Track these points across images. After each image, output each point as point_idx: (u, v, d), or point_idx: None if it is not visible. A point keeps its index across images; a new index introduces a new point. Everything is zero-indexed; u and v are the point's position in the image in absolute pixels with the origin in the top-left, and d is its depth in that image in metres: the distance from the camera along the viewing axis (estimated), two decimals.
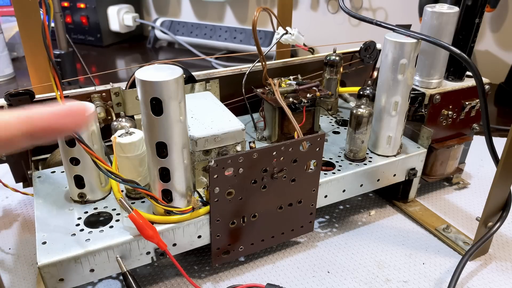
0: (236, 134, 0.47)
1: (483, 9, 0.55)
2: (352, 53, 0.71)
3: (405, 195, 0.62)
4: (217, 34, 1.33)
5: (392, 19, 1.21)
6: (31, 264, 0.51)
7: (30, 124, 0.23)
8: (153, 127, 0.38)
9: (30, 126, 0.23)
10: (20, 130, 0.23)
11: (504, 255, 0.53)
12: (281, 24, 0.65)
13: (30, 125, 0.23)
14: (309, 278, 0.49)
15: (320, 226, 0.58)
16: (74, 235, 0.42)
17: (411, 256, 0.53)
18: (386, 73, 0.52)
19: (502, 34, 1.09)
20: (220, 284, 0.49)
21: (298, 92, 0.56)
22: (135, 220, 0.40)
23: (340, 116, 0.67)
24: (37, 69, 0.63)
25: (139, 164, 0.45)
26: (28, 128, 0.23)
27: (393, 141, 0.55)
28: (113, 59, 1.34)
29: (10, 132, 0.23)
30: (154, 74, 0.37)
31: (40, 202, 0.46)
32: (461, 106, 0.59)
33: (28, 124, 0.23)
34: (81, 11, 1.38)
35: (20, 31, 0.60)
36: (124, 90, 0.53)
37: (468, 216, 0.60)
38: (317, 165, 0.48)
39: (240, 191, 0.44)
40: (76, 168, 0.44)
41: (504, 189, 0.48)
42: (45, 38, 0.36)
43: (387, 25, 0.51)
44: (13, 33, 1.22)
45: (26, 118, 0.23)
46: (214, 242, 0.46)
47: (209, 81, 0.58)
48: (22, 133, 0.23)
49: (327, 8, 1.28)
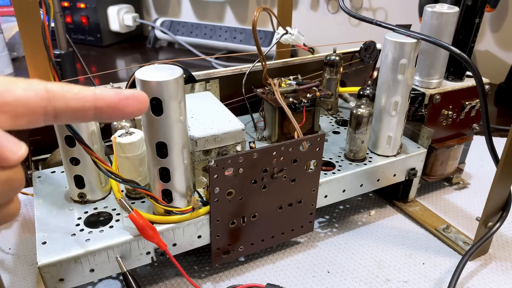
0: (236, 134, 0.47)
1: (483, 9, 0.55)
2: (352, 53, 0.71)
3: (405, 195, 0.62)
4: (217, 34, 1.33)
5: (392, 19, 1.21)
6: (31, 264, 0.51)
7: (101, 100, 0.24)
8: (153, 127, 0.38)
9: (101, 101, 0.24)
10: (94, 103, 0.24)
11: (504, 255, 0.53)
12: (281, 24, 0.65)
13: (101, 101, 0.24)
14: (309, 278, 0.49)
15: (320, 226, 0.58)
16: (74, 235, 0.42)
17: (411, 256, 0.53)
18: (386, 73, 0.52)
19: (502, 34, 1.09)
20: (220, 284, 0.49)
21: (298, 92, 0.56)
22: (135, 220, 0.40)
23: (340, 116, 0.67)
24: (37, 69, 0.63)
25: (139, 164, 0.45)
26: (100, 103, 0.24)
27: (393, 141, 0.55)
28: (113, 59, 1.34)
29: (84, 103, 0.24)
30: (154, 74, 0.37)
31: (40, 202, 0.46)
32: (461, 106, 0.59)
33: (99, 100, 0.24)
34: (81, 11, 1.38)
35: (20, 31, 0.60)
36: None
37: (468, 216, 0.60)
38: (317, 165, 0.48)
39: (240, 191, 0.44)
40: (76, 168, 0.44)
41: (504, 189, 0.48)
42: (45, 38, 0.36)
43: (387, 25, 0.51)
44: (13, 33, 1.22)
45: (99, 94, 0.24)
46: (214, 242, 0.46)
47: (209, 81, 0.58)
48: (95, 106, 0.24)
49: (327, 8, 1.28)
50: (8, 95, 0.21)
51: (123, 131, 0.45)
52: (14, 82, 0.22)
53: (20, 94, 0.22)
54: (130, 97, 0.25)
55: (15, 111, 0.21)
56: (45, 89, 0.22)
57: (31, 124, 0.23)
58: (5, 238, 0.55)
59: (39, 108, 0.22)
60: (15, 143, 0.21)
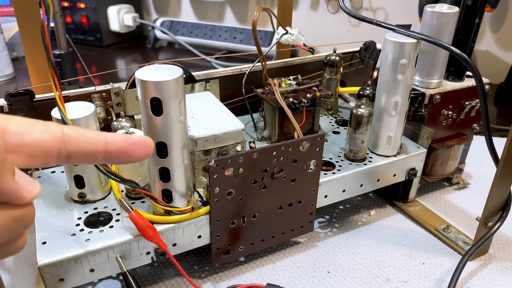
0: (236, 134, 0.47)
1: (483, 9, 0.55)
2: (352, 53, 0.71)
3: (405, 195, 0.62)
4: (217, 34, 1.33)
5: (392, 19, 1.21)
6: (31, 264, 0.51)
7: (112, 145, 0.26)
8: (153, 127, 0.38)
9: (112, 146, 0.26)
10: (104, 147, 0.25)
11: (504, 255, 0.53)
12: (281, 24, 0.65)
13: (111, 146, 0.26)
14: (309, 278, 0.49)
15: (320, 226, 0.58)
16: (74, 235, 0.42)
17: (411, 256, 0.53)
18: (386, 73, 0.52)
19: (502, 34, 1.09)
20: (220, 284, 0.49)
21: (298, 92, 0.56)
22: (135, 220, 0.40)
23: (340, 116, 0.67)
24: (37, 69, 0.64)
25: (139, 164, 0.45)
26: (109, 148, 0.26)
27: (393, 141, 0.55)
28: (113, 59, 1.34)
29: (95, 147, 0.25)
30: (154, 74, 0.37)
31: (40, 202, 0.46)
32: (461, 106, 0.59)
33: (110, 145, 0.26)
34: (81, 11, 1.38)
35: (20, 31, 0.60)
36: (124, 90, 0.53)
37: (468, 216, 0.60)
38: (317, 165, 0.48)
39: (240, 191, 0.44)
40: (76, 168, 0.44)
41: (504, 189, 0.48)
42: (45, 38, 0.36)
43: (387, 25, 0.51)
44: (13, 33, 1.22)
45: (107, 139, 0.26)
46: (214, 242, 0.46)
47: (209, 81, 0.58)
48: (105, 150, 0.25)
49: (327, 8, 1.28)
50: (27, 137, 0.22)
51: (123, 131, 0.45)
52: (33, 124, 0.23)
53: (38, 136, 0.23)
54: (138, 143, 0.27)
55: (32, 152, 0.23)
56: (62, 133, 0.24)
57: (44, 164, 0.24)
58: None
59: (54, 150, 0.23)
60: (31, 183, 0.23)
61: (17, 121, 0.22)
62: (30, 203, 0.23)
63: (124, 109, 0.54)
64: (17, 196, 0.22)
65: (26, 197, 0.22)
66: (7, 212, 0.22)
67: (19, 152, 0.22)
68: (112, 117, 0.53)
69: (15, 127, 0.22)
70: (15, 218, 0.22)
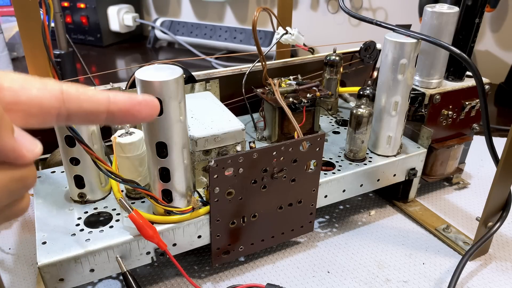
0: (236, 134, 0.47)
1: (483, 9, 0.55)
2: (352, 53, 0.71)
3: (405, 195, 0.62)
4: (217, 34, 1.33)
5: (392, 19, 1.21)
6: (31, 264, 0.51)
7: (114, 104, 0.24)
8: (153, 127, 0.38)
9: (114, 105, 0.24)
10: (106, 107, 0.24)
11: (504, 255, 0.53)
12: (281, 24, 0.65)
13: (114, 105, 0.24)
14: (309, 278, 0.49)
15: (320, 226, 0.58)
16: (74, 235, 0.42)
17: (411, 256, 0.53)
18: (386, 73, 0.52)
19: (502, 34, 1.09)
20: (220, 284, 0.49)
21: (298, 92, 0.56)
22: (135, 220, 0.40)
23: (340, 116, 0.67)
24: (37, 69, 0.63)
25: (139, 164, 0.45)
26: (112, 108, 0.24)
27: (393, 141, 0.55)
28: (113, 59, 1.34)
29: (98, 106, 0.23)
30: (154, 74, 0.37)
31: (40, 202, 0.46)
32: (461, 106, 0.59)
33: (112, 104, 0.24)
34: (81, 11, 1.38)
35: (20, 31, 0.60)
36: (124, 90, 0.53)
37: (468, 216, 0.60)
38: (317, 165, 0.48)
39: (240, 191, 0.44)
40: (76, 168, 0.44)
41: (504, 189, 0.48)
42: (45, 38, 0.36)
43: (387, 25, 0.51)
44: (13, 33, 1.22)
45: (109, 98, 0.24)
46: (214, 242, 0.46)
47: (209, 81, 0.58)
48: (107, 109, 0.24)
49: (327, 8, 1.28)
50: (22, 94, 0.21)
51: (123, 131, 0.45)
52: (30, 81, 0.21)
53: (34, 94, 0.21)
54: (142, 103, 0.25)
55: (29, 110, 0.21)
56: (60, 90, 0.22)
57: (43, 124, 0.22)
58: (5, 238, 0.55)
59: (53, 109, 0.22)
60: (31, 141, 0.21)
61: (12, 78, 0.21)
62: (31, 163, 0.22)
63: None
64: (17, 155, 0.21)
65: (26, 155, 0.21)
66: (7, 172, 0.21)
67: (15, 111, 0.21)
68: None
69: (10, 83, 0.21)
70: (16, 179, 0.21)
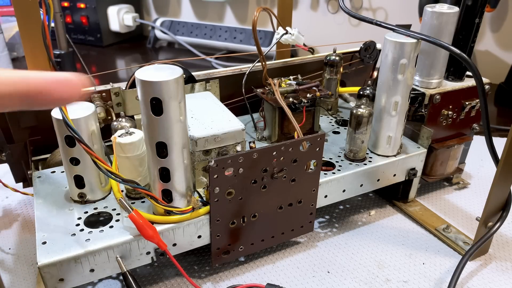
0: (236, 134, 0.47)
1: (483, 9, 0.55)
2: (352, 53, 0.70)
3: (405, 195, 0.62)
4: (217, 34, 1.33)
5: (392, 19, 1.21)
6: (31, 264, 0.51)
7: (27, 84, 0.22)
8: (153, 127, 0.38)
9: (26, 86, 0.22)
10: (16, 88, 0.22)
11: (504, 255, 0.53)
12: (281, 24, 0.65)
13: (26, 85, 0.22)
14: (309, 278, 0.49)
15: (320, 226, 0.58)
16: (74, 235, 0.42)
17: (411, 256, 0.53)
18: (386, 73, 0.52)
19: (502, 34, 1.09)
20: (220, 284, 0.49)
21: (298, 92, 0.56)
22: (135, 220, 0.40)
23: (340, 116, 0.67)
24: (37, 69, 0.63)
25: (139, 164, 0.45)
26: (24, 88, 0.22)
27: (393, 141, 0.55)
28: (113, 59, 1.34)
29: (5, 88, 0.22)
30: (154, 74, 0.37)
31: (40, 202, 0.46)
32: (461, 106, 0.59)
33: (24, 84, 0.22)
34: (81, 11, 1.38)
35: (20, 31, 0.60)
36: (124, 90, 0.53)
37: (468, 216, 0.60)
38: (317, 165, 0.48)
39: (240, 191, 0.44)
40: (76, 168, 0.44)
41: (504, 189, 0.48)
42: (45, 38, 0.36)
43: (387, 25, 0.51)
44: (13, 33, 1.22)
45: (23, 78, 0.23)
46: (214, 242, 0.46)
47: (209, 81, 0.58)
48: (17, 91, 0.22)
49: (327, 8, 1.28)
50: None
51: (123, 131, 0.45)
52: None
53: None
54: (61, 81, 0.23)
55: None
56: None
57: None
58: (5, 238, 0.55)
59: None
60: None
61: None
62: None
63: (124, 109, 0.54)
64: None
65: None
66: None
67: None
68: (112, 117, 0.53)
69: None
70: None
